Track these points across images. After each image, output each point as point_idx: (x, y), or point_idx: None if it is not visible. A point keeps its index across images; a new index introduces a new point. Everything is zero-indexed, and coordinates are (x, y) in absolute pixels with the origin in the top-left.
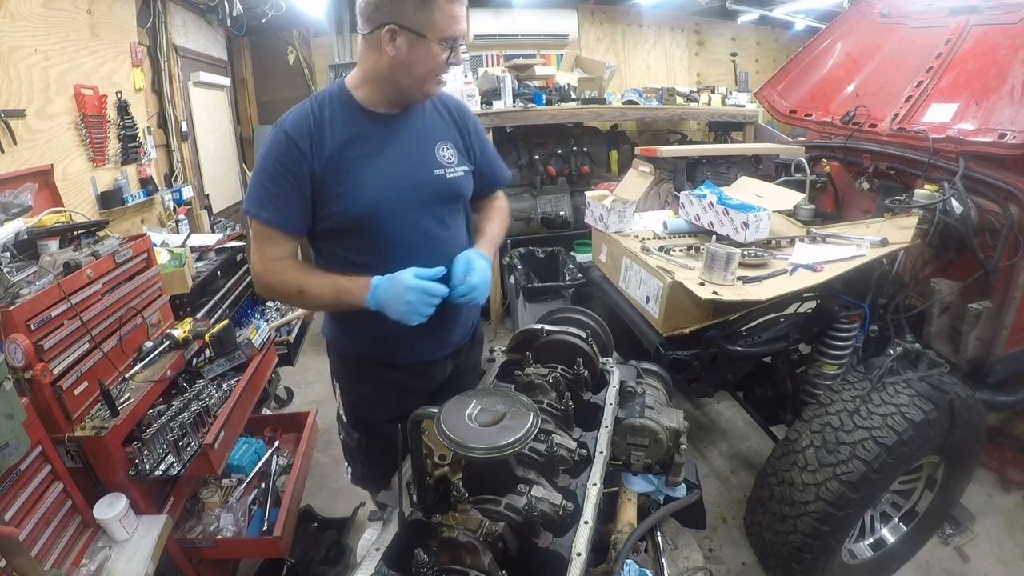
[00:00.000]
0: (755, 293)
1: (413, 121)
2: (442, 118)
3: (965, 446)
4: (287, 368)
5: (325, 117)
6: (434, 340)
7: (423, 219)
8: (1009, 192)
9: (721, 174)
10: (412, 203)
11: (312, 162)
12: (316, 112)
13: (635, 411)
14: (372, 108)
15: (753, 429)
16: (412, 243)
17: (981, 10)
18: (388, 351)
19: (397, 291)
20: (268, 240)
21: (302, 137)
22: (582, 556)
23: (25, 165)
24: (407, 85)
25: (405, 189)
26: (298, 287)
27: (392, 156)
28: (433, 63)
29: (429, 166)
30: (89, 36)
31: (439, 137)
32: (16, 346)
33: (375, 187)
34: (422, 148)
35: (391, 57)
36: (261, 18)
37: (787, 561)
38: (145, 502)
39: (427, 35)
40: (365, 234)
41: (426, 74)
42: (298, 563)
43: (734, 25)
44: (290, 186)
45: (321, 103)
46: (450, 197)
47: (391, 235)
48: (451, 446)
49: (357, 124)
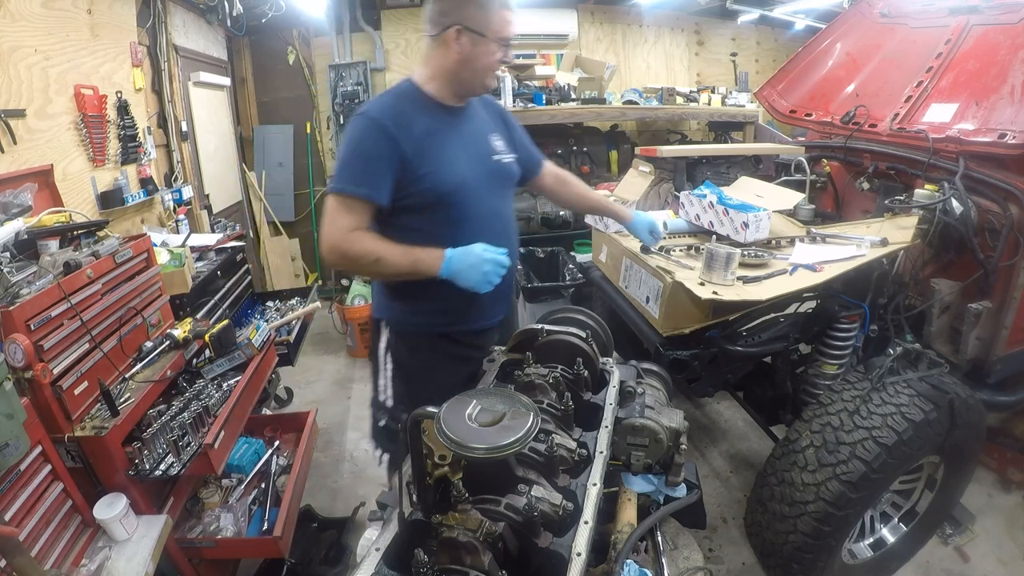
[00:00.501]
0: (755, 293)
1: (472, 114)
2: (488, 114)
3: (965, 446)
4: (287, 368)
5: (406, 108)
6: (489, 308)
7: (490, 197)
8: (1009, 192)
9: (721, 174)
10: (483, 183)
11: (401, 145)
12: (396, 104)
13: (635, 411)
14: (443, 101)
15: (753, 429)
16: (483, 217)
17: (981, 10)
18: (449, 322)
19: (472, 262)
20: (351, 212)
21: (390, 123)
22: (582, 556)
23: (25, 165)
24: (469, 78)
25: (478, 170)
26: (376, 255)
27: (465, 142)
28: (491, 59)
29: (488, 153)
30: (89, 36)
31: (490, 129)
32: (16, 346)
33: (459, 168)
34: (482, 138)
35: (457, 53)
36: (261, 18)
37: (787, 561)
38: (145, 502)
39: (486, 35)
40: (448, 209)
41: (485, 68)
42: (298, 563)
43: (734, 25)
44: (382, 164)
45: (397, 96)
46: (507, 179)
47: (468, 210)
48: (451, 446)
49: (432, 114)
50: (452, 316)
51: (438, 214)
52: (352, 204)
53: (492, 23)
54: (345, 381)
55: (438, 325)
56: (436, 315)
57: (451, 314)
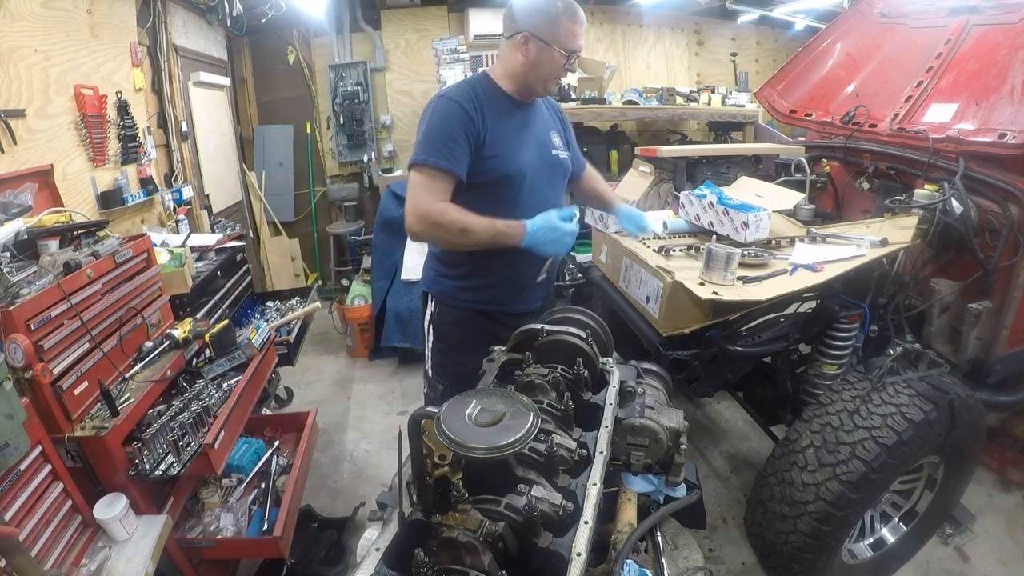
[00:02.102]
0: (755, 293)
1: (536, 112)
2: (550, 114)
3: (965, 446)
4: (287, 368)
5: (481, 97)
6: (532, 293)
7: (546, 185)
8: (1009, 192)
9: (721, 174)
10: (541, 172)
11: (478, 125)
12: (473, 91)
13: (635, 411)
14: (511, 95)
15: (753, 429)
16: (538, 202)
17: (981, 10)
18: (493, 300)
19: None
20: (435, 185)
21: (470, 105)
22: (582, 556)
23: (25, 165)
24: (533, 82)
25: (538, 160)
26: (462, 225)
27: (529, 134)
28: (554, 66)
29: (548, 147)
30: (89, 36)
31: (550, 127)
32: (16, 346)
33: (522, 155)
34: (544, 133)
35: (523, 57)
36: (261, 18)
37: (787, 561)
38: (145, 502)
39: (552, 44)
40: (509, 190)
41: (548, 74)
42: (298, 563)
43: (734, 25)
44: (463, 141)
45: (473, 86)
46: (562, 172)
47: (526, 194)
48: (451, 446)
49: (503, 105)
50: (498, 295)
51: (499, 194)
52: (436, 175)
53: (558, 35)
54: (345, 381)
55: (483, 302)
56: (484, 292)
57: (498, 293)
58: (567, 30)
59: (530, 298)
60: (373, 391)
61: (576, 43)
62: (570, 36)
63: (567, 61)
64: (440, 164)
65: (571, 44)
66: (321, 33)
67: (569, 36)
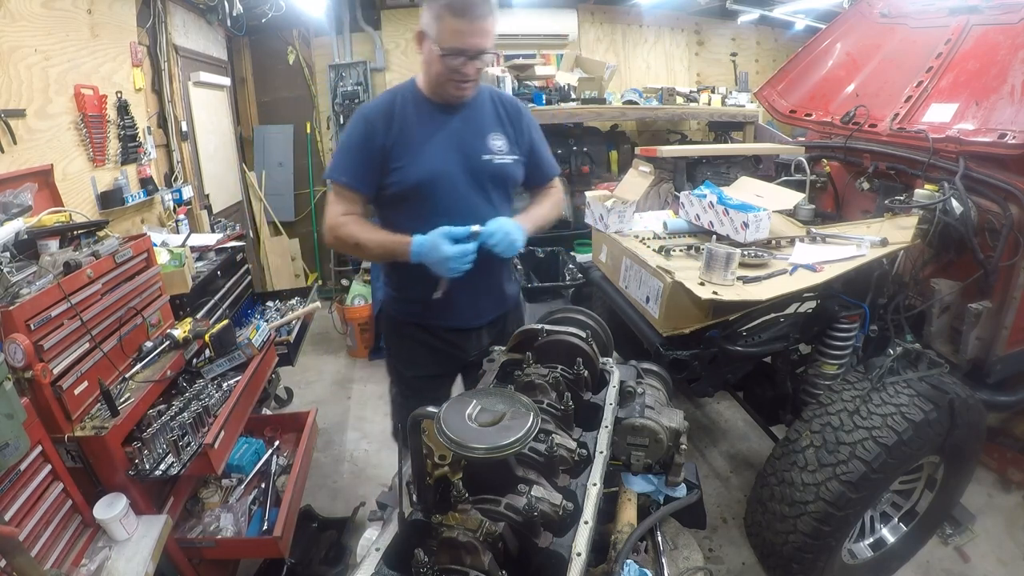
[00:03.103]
0: (755, 293)
1: (471, 113)
2: (498, 114)
3: (965, 446)
4: (287, 368)
5: (396, 104)
6: (467, 309)
7: (471, 194)
8: (1009, 192)
9: (721, 174)
10: (462, 179)
11: (381, 138)
12: (389, 101)
13: (635, 411)
14: (432, 98)
15: (753, 429)
16: (460, 214)
17: (981, 10)
18: (424, 314)
19: (434, 242)
20: (342, 199)
21: (377, 119)
22: (582, 556)
23: (25, 165)
24: (433, 82)
25: (456, 166)
26: (355, 240)
27: (448, 138)
28: (441, 67)
29: (479, 151)
30: (89, 36)
31: (492, 129)
32: (16, 346)
33: (431, 161)
34: (475, 136)
35: (421, 57)
36: (261, 18)
37: (787, 561)
38: (145, 502)
39: (437, 43)
40: (422, 202)
41: (438, 75)
42: (298, 563)
43: (734, 25)
44: (365, 156)
45: (394, 94)
46: (497, 180)
47: (440, 203)
48: (451, 446)
49: (420, 110)
50: (424, 309)
51: (416, 205)
52: (340, 191)
53: (441, 33)
54: (345, 381)
55: (414, 315)
56: (412, 304)
57: (422, 307)
58: (448, 27)
59: (467, 315)
60: (373, 391)
61: (462, 41)
62: (453, 34)
63: (458, 61)
64: (341, 180)
65: (454, 42)
66: (321, 33)
67: (451, 34)
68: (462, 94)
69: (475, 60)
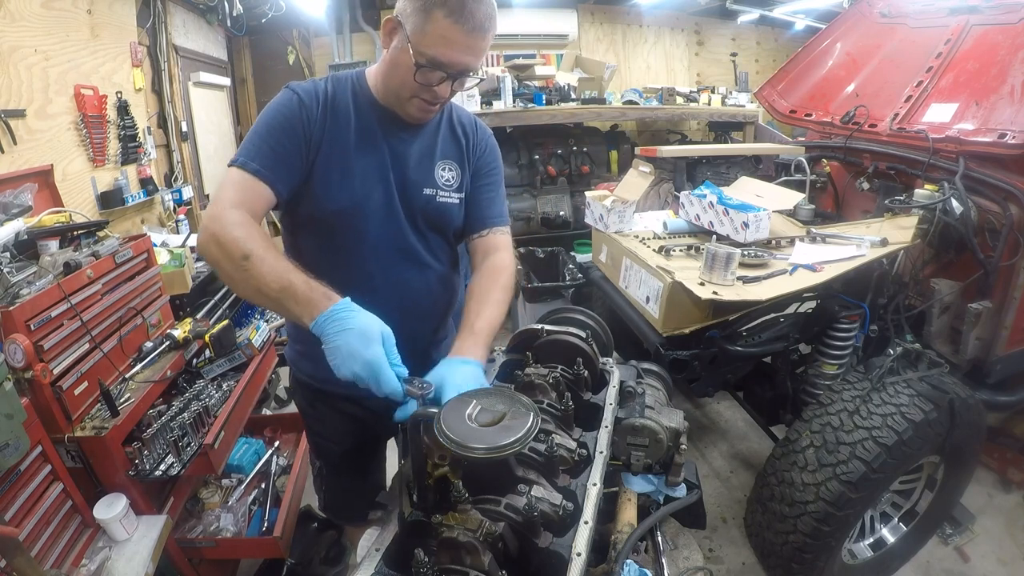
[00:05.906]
0: (755, 293)
1: (423, 130)
2: (454, 136)
3: (965, 446)
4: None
5: (338, 96)
6: None
7: (404, 236)
8: (1009, 192)
9: (721, 174)
10: (394, 215)
11: (318, 132)
12: (330, 89)
13: (635, 411)
14: (383, 103)
15: (753, 429)
16: (384, 256)
17: (981, 10)
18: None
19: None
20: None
21: (312, 102)
22: (582, 556)
23: (25, 165)
24: (391, 91)
25: (390, 198)
26: (246, 252)
27: (390, 159)
28: (406, 75)
29: (421, 183)
30: (89, 36)
31: (445, 155)
32: (16, 346)
33: (361, 186)
34: (422, 162)
35: (385, 51)
36: (261, 18)
37: (787, 561)
38: (145, 502)
39: (414, 46)
40: (339, 231)
41: (402, 86)
42: (298, 563)
43: (734, 25)
44: (290, 144)
45: (336, 82)
46: (433, 223)
47: (364, 241)
48: (451, 446)
49: (363, 114)
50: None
51: (323, 237)
52: (246, 183)
53: (424, 32)
54: None
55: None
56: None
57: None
58: (437, 28)
59: None
60: None
61: (449, 53)
62: (439, 39)
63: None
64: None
65: (437, 51)
66: (321, 33)
67: (437, 38)
68: (424, 117)
69: (457, 80)
